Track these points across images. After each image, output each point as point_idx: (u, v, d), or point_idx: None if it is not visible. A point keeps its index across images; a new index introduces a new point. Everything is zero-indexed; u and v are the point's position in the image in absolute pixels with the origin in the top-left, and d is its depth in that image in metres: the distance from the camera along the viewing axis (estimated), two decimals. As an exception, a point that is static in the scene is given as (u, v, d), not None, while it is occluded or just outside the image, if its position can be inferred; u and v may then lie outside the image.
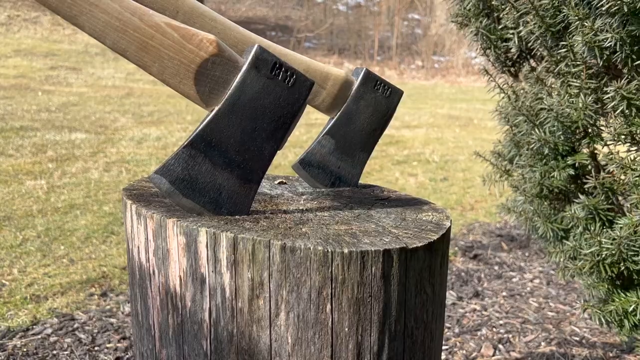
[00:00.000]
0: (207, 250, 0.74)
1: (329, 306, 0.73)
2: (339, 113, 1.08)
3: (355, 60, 13.34)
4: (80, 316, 2.16)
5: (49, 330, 2.04)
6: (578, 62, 1.28)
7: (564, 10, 1.24)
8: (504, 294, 2.46)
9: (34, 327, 2.06)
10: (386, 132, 5.99)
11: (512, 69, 1.68)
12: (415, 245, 0.77)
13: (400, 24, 14.80)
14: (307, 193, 1.04)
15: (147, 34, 0.72)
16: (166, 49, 0.73)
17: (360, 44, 14.02)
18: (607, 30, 1.15)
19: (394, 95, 1.12)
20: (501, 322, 2.22)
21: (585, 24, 1.18)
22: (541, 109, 1.35)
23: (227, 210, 0.82)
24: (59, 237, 2.92)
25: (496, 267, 2.70)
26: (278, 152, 0.86)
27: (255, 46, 0.79)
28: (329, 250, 0.71)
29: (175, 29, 0.73)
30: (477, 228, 3.28)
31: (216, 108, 0.79)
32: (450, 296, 2.42)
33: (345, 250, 0.72)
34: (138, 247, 0.82)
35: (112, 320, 2.14)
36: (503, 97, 1.63)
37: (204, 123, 0.79)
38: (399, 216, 0.92)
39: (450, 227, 0.89)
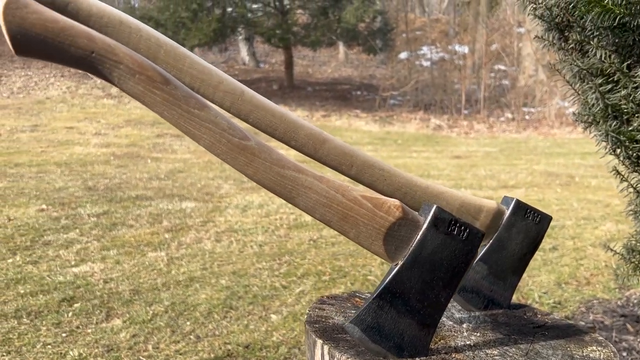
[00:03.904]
0: (402, 400, 0.81)
1: None
2: (491, 240, 1.15)
3: (441, 116, 13.35)
4: (213, 396, 2.29)
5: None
6: None
7: None
8: (637, 385, 2.33)
9: (174, 407, 2.21)
10: (484, 194, 5.87)
11: (644, 167, 1.67)
12: (598, 398, 0.80)
13: (487, 75, 14.71)
14: (465, 319, 1.10)
15: (348, 207, 0.84)
16: (362, 218, 0.85)
17: (447, 98, 14.04)
18: None
19: (543, 221, 1.17)
20: (638, 418, 2.10)
21: None
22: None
23: (408, 353, 0.90)
24: (184, 312, 3.13)
25: (624, 354, 2.57)
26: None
27: (434, 207, 0.89)
28: (520, 407, 0.77)
29: (369, 199, 0.85)
30: (596, 306, 3.14)
31: (400, 263, 0.89)
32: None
33: (536, 408, 0.77)
34: (329, 385, 0.92)
35: (243, 402, 2.25)
36: (638, 197, 1.62)
37: (390, 277, 0.88)
38: (566, 352, 0.95)
39: (621, 368, 0.91)
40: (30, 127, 10.27)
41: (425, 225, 0.88)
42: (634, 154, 1.64)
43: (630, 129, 1.60)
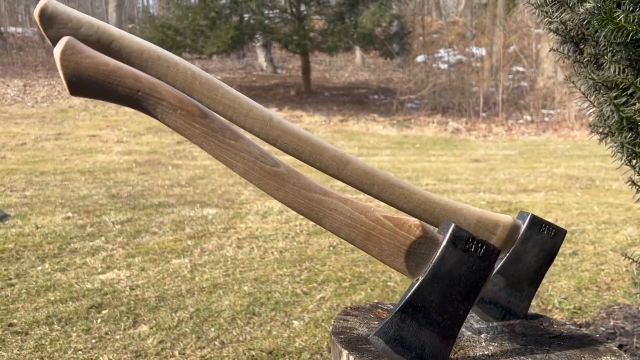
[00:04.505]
0: (424, 408, 0.87)
1: None
2: (507, 254, 1.20)
3: (460, 119, 13.32)
4: (238, 401, 2.36)
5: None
6: None
7: None
8: (658, 391, 2.34)
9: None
10: (503, 198, 5.84)
11: (660, 177, 1.70)
12: (610, 407, 0.85)
13: (505, 77, 14.63)
14: (483, 330, 1.15)
15: (371, 227, 0.90)
16: (384, 237, 0.91)
17: (464, 101, 14.01)
18: None
19: (558, 235, 1.22)
20: None
21: None
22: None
23: (429, 363, 0.95)
24: (208, 318, 3.21)
25: (645, 360, 2.58)
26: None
27: (452, 226, 0.94)
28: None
29: (391, 219, 0.91)
30: (617, 311, 3.14)
31: (421, 278, 0.94)
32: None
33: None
34: (354, 393, 0.97)
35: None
36: (654, 207, 1.64)
37: (412, 291, 0.94)
38: (581, 363, 1.00)
39: (634, 378, 0.96)
40: (54, 135, 10.52)
41: (444, 243, 0.94)
42: (650, 165, 1.67)
43: (645, 140, 1.63)
